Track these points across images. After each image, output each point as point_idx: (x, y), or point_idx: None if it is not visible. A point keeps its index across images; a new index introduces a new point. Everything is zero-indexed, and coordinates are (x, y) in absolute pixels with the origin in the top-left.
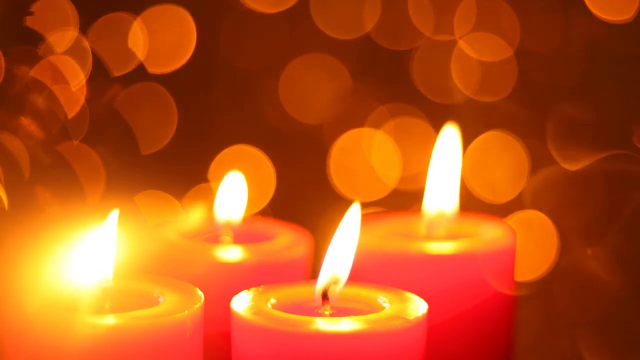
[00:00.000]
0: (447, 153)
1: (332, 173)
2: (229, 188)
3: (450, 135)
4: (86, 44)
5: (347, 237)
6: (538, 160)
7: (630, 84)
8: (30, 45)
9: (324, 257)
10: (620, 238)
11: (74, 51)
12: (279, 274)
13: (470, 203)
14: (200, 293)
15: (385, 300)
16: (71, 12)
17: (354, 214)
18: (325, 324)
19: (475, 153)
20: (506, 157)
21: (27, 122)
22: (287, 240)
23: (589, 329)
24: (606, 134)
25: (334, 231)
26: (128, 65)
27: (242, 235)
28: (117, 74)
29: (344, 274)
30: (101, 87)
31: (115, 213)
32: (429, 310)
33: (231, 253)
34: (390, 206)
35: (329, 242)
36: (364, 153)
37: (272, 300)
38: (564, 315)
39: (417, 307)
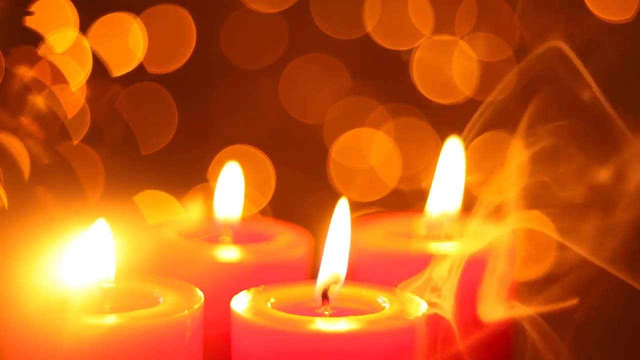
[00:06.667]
0: (452, 165)
1: (332, 173)
2: (227, 185)
3: (453, 147)
4: (86, 44)
5: (340, 234)
6: (538, 160)
7: (630, 84)
8: (30, 45)
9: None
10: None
11: (74, 51)
12: (279, 274)
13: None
14: (200, 293)
15: (385, 300)
16: (71, 12)
17: (342, 210)
18: (325, 324)
19: (475, 153)
20: (506, 157)
21: (27, 122)
22: (287, 240)
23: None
24: (605, 133)
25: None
26: (128, 65)
27: (241, 235)
28: (117, 74)
29: (342, 272)
30: (101, 87)
31: (101, 222)
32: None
33: (231, 253)
34: (390, 206)
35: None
36: (364, 153)
37: (272, 300)
38: (564, 314)
39: (417, 307)
